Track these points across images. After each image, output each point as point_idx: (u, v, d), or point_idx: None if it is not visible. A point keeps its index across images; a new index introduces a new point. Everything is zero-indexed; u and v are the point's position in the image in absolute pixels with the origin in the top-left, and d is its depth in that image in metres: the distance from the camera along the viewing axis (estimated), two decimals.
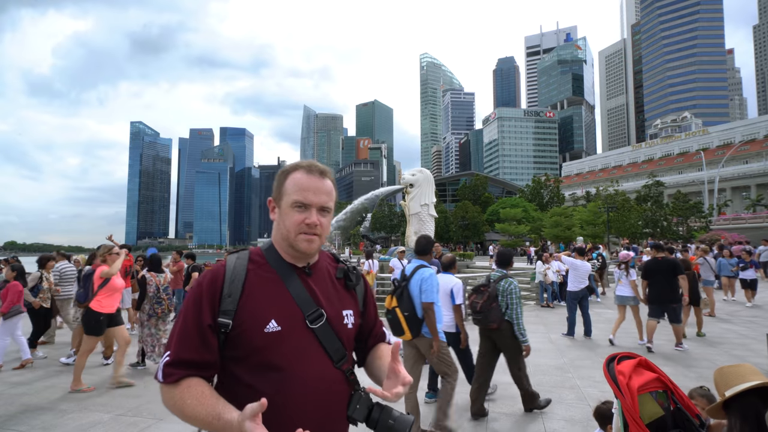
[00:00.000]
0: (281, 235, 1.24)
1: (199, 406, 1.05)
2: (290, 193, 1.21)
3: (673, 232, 40.44)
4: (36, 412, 4.37)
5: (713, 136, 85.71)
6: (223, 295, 1.14)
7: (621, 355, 1.87)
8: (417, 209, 17.79)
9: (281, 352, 1.13)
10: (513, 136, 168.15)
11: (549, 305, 11.94)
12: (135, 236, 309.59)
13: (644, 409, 1.67)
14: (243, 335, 1.12)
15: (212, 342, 1.12)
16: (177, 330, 1.13)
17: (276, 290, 1.18)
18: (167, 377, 1.08)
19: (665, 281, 6.73)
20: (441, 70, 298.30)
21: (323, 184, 1.23)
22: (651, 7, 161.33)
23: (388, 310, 3.91)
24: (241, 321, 1.12)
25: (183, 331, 1.12)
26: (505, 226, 50.27)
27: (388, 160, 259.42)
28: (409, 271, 3.90)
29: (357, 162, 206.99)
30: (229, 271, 1.18)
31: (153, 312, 5.93)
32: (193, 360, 1.10)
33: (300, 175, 1.22)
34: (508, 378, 5.47)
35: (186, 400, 1.06)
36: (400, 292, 3.82)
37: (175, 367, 1.08)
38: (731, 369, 1.62)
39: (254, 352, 1.12)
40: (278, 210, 1.25)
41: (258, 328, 1.12)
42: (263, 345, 1.12)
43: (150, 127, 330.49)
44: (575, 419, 4.17)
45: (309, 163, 1.26)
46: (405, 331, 3.79)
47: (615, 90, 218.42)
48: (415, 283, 3.78)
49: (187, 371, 1.09)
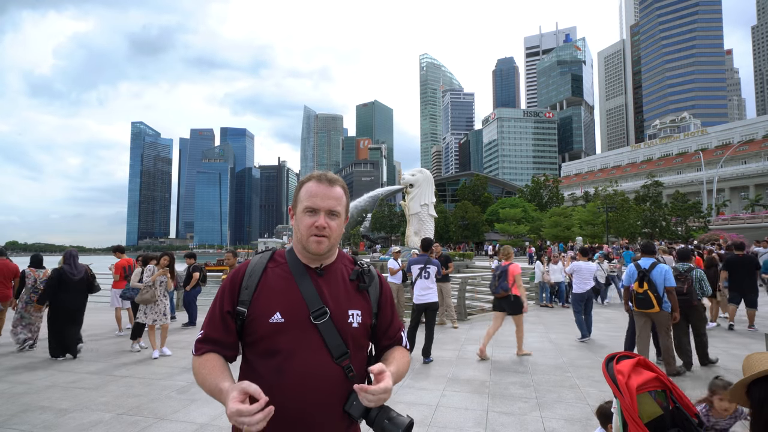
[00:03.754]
0: (297, 238, 1.39)
1: (209, 375, 1.23)
2: (303, 200, 1.36)
3: (672, 232, 40.48)
4: (37, 412, 4.37)
5: (712, 137, 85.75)
6: (242, 287, 1.33)
7: (620, 355, 1.88)
8: (417, 209, 17.80)
9: (281, 341, 1.26)
10: (512, 137, 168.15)
11: (548, 305, 11.96)
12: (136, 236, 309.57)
13: (643, 409, 1.67)
14: (253, 323, 1.28)
15: (231, 326, 1.31)
16: (208, 314, 1.36)
17: (287, 286, 1.32)
18: (196, 351, 1.30)
19: (746, 273, 8.04)
20: (441, 71, 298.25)
21: (331, 191, 1.36)
22: (650, 8, 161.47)
23: (638, 293, 5.38)
24: (254, 311, 1.29)
25: (211, 315, 1.34)
26: (504, 226, 50.29)
27: (388, 160, 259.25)
28: (646, 265, 5.45)
29: (357, 162, 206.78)
30: (249, 267, 1.37)
31: (30, 300, 6.93)
32: (217, 339, 1.30)
33: (311, 184, 1.37)
34: (509, 378, 5.50)
35: (202, 370, 1.26)
36: (647, 279, 5.33)
37: (203, 343, 1.30)
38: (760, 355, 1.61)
39: (260, 339, 1.28)
40: (295, 216, 1.40)
41: (264, 317, 1.27)
42: (267, 333, 1.27)
43: (151, 128, 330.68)
44: (574, 418, 4.19)
45: (321, 173, 1.40)
46: (654, 306, 5.26)
47: (614, 90, 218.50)
48: (657, 273, 5.33)
49: (212, 347, 1.29)
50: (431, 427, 4.00)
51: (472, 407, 4.50)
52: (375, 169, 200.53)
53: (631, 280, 5.58)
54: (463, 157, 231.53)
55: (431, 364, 6.19)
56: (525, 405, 4.55)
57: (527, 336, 8.01)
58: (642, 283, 5.34)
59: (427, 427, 4.00)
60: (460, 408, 4.48)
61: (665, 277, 5.29)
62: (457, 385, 5.24)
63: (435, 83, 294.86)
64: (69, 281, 6.57)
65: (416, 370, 5.87)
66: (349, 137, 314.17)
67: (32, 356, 6.66)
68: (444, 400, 4.72)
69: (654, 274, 5.32)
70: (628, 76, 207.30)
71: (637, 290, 5.40)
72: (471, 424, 4.08)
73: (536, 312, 11.11)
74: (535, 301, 12.55)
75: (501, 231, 51.37)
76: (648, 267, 5.40)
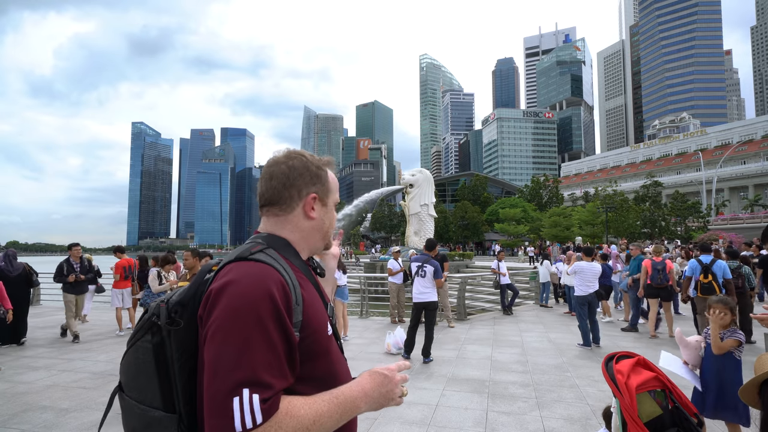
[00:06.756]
0: (320, 232, 1.14)
1: (315, 404, 0.88)
2: (333, 191, 1.17)
3: (672, 232, 40.51)
4: (37, 411, 4.38)
5: (711, 137, 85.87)
6: (295, 303, 0.95)
7: (619, 354, 1.89)
8: (417, 209, 17.82)
9: (337, 356, 1.07)
10: (512, 137, 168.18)
11: (547, 305, 11.96)
12: (136, 236, 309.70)
13: (643, 408, 1.68)
14: (311, 345, 0.97)
15: (298, 361, 0.92)
16: (260, 357, 0.84)
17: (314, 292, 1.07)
18: (267, 412, 0.82)
19: None
20: (441, 71, 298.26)
21: None
22: (649, 8, 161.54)
23: (704, 282, 6.73)
24: (310, 329, 0.97)
25: (269, 356, 0.85)
26: (504, 226, 50.34)
27: (388, 160, 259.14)
28: (707, 261, 6.81)
29: (357, 162, 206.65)
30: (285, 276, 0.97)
31: None
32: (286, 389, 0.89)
33: (332, 173, 1.18)
34: (509, 377, 5.51)
35: (298, 411, 0.86)
36: (710, 272, 6.71)
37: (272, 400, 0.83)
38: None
39: (321, 360, 1.00)
40: (323, 207, 1.14)
41: (323, 332, 1.02)
42: (327, 349, 1.01)
43: (151, 128, 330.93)
44: (574, 418, 4.20)
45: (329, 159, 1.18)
46: (717, 292, 6.50)
47: (613, 91, 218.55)
48: (717, 267, 6.71)
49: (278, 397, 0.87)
50: (431, 426, 4.01)
51: (471, 407, 4.50)
52: (375, 169, 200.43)
53: (695, 272, 6.95)
54: (462, 158, 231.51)
55: (431, 363, 6.20)
56: (524, 404, 4.56)
57: (527, 335, 8.02)
58: (707, 275, 6.77)
59: (426, 426, 4.00)
60: (460, 407, 4.48)
61: (724, 271, 6.75)
62: (456, 384, 5.25)
63: (435, 83, 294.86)
64: (6, 278, 7.14)
65: (416, 370, 5.88)
66: (349, 137, 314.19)
67: (32, 356, 6.67)
68: (444, 399, 4.73)
69: (714, 267, 6.76)
70: (627, 77, 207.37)
71: (702, 280, 6.82)
72: (471, 423, 4.09)
73: (536, 312, 11.12)
74: (535, 301, 12.56)
75: (501, 231, 51.42)
76: (708, 262, 6.81)
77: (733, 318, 3.22)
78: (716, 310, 3.20)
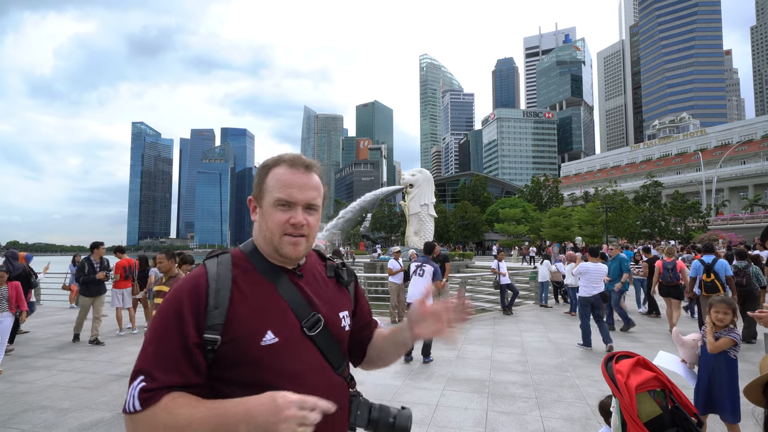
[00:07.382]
0: (264, 237, 1.09)
1: (195, 409, 0.89)
2: (272, 190, 1.07)
3: (671, 232, 40.52)
4: (38, 411, 4.38)
5: (711, 137, 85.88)
6: (209, 306, 0.98)
7: (619, 354, 1.89)
8: (417, 209, 17.82)
9: (281, 367, 1.00)
10: (512, 137, 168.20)
11: (547, 305, 11.96)
12: (136, 236, 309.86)
13: (642, 408, 1.68)
14: (235, 351, 0.97)
15: (200, 363, 0.95)
16: (152, 350, 0.94)
17: (268, 297, 1.05)
18: (146, 402, 0.88)
19: None
20: (441, 71, 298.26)
21: (309, 180, 1.09)
22: (649, 8, 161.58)
23: (707, 281, 6.96)
24: (232, 335, 0.97)
25: (163, 352, 0.93)
26: (504, 226, 50.32)
27: (388, 160, 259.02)
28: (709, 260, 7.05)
29: (357, 162, 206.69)
30: (212, 279, 1.01)
31: None
32: (177, 384, 0.92)
33: (283, 170, 1.08)
34: (509, 377, 5.51)
35: (177, 409, 0.88)
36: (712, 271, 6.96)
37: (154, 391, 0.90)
38: None
39: (247, 367, 0.98)
40: (259, 210, 1.11)
41: (253, 341, 0.98)
42: (259, 359, 0.98)
43: (151, 128, 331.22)
44: (574, 418, 4.20)
45: (293, 156, 1.11)
46: (720, 290, 6.79)
47: (613, 91, 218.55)
48: (719, 266, 6.95)
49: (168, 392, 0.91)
50: (431, 426, 4.01)
51: (471, 407, 4.50)
52: (375, 169, 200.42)
53: (699, 272, 7.20)
54: (462, 158, 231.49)
55: (431, 363, 6.20)
56: (524, 404, 4.56)
57: (527, 335, 8.02)
58: (709, 274, 7.04)
59: (426, 426, 4.00)
60: (460, 407, 4.48)
61: (725, 269, 7.02)
62: (456, 384, 5.25)
63: (435, 83, 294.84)
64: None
65: (416, 370, 5.88)
66: (349, 137, 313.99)
67: (32, 356, 6.68)
68: (444, 399, 4.73)
69: (716, 267, 7.02)
70: (627, 77, 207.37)
71: (705, 279, 7.07)
72: (470, 423, 4.09)
73: (536, 312, 11.12)
74: (534, 301, 12.56)
75: (501, 231, 51.40)
76: (710, 262, 7.09)
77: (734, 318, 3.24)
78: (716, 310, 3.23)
